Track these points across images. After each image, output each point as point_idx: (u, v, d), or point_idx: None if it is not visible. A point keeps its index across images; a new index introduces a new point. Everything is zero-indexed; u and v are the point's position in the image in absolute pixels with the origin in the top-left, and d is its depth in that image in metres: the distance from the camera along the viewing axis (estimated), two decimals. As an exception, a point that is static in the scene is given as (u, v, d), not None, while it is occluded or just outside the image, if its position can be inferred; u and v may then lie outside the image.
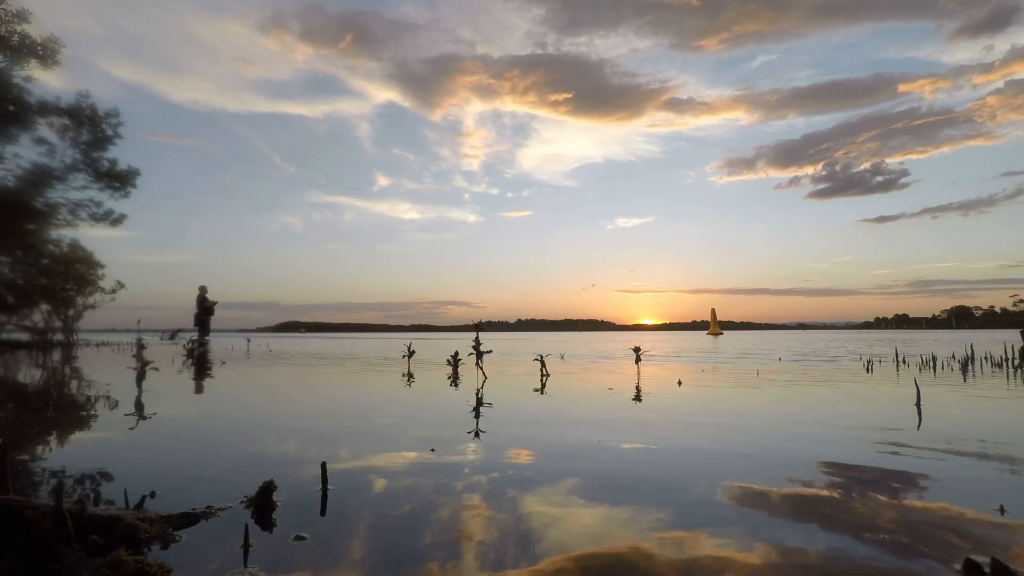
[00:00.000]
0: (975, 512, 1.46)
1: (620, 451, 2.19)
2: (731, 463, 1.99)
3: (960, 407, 3.40)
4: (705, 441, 2.38)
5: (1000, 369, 5.88)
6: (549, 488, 1.69)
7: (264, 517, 1.43)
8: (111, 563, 1.05)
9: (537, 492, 1.65)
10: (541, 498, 1.59)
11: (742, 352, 10.80)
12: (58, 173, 14.35)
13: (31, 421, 3.01)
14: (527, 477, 1.81)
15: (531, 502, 1.55)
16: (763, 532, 1.32)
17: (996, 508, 1.47)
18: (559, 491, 1.66)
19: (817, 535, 1.30)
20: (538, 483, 1.74)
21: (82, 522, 1.19)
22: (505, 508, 1.50)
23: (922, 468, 1.93)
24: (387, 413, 3.20)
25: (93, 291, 16.78)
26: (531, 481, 1.76)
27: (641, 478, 1.80)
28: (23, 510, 1.16)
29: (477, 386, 4.34)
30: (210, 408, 3.53)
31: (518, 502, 1.55)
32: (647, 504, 1.52)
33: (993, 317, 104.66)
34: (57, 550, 1.09)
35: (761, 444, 2.33)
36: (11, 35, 13.12)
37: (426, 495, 1.62)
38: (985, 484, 1.73)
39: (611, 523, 1.38)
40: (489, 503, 1.54)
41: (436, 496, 1.61)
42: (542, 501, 1.56)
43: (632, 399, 3.75)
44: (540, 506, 1.52)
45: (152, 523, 1.27)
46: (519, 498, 1.59)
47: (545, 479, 1.79)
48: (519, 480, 1.77)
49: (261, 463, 2.02)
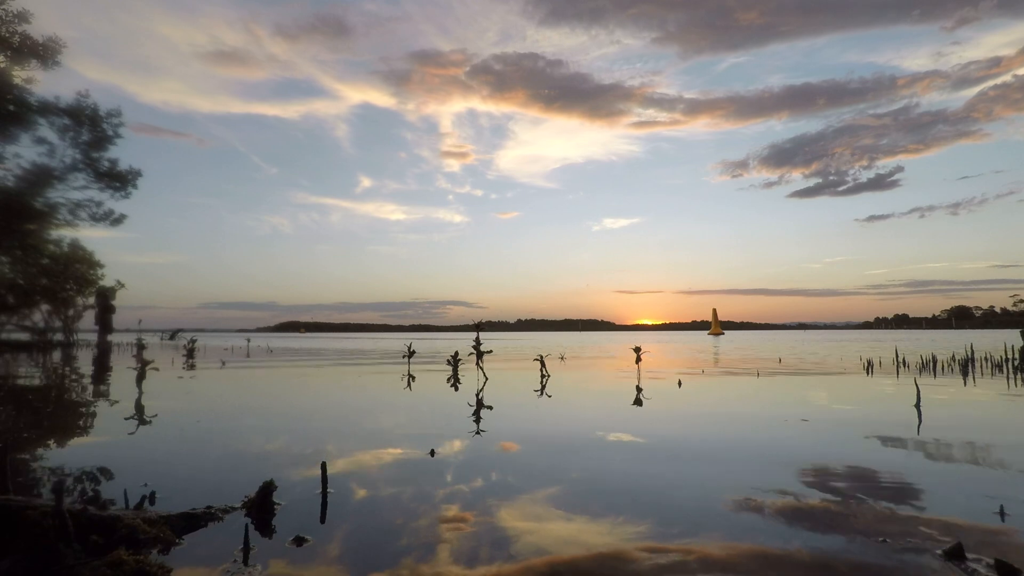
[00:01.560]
0: (975, 515, 1.46)
1: (617, 455, 2.19)
2: (727, 465, 1.99)
3: (961, 408, 3.40)
4: (702, 447, 2.38)
5: (1000, 371, 5.88)
6: (541, 492, 1.69)
7: (264, 517, 1.43)
8: (111, 563, 1.06)
9: (530, 496, 1.65)
10: (535, 500, 1.59)
11: (742, 352, 10.80)
12: (58, 173, 14.36)
13: (31, 421, 3.01)
14: (513, 483, 1.81)
15: (530, 502, 1.55)
16: (753, 535, 1.32)
17: (996, 512, 1.46)
18: (554, 495, 1.66)
19: (811, 538, 1.30)
20: (524, 490, 1.74)
21: (82, 522, 1.19)
22: (500, 507, 1.50)
23: (922, 470, 1.92)
24: (387, 414, 3.20)
25: (93, 291, 16.78)
26: (515, 488, 1.76)
27: (633, 486, 1.80)
28: (24, 510, 1.16)
29: (478, 387, 4.34)
30: (210, 408, 3.53)
31: (517, 502, 1.55)
32: (634, 515, 1.52)
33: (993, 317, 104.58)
34: (57, 550, 1.09)
35: (759, 446, 2.33)
36: (12, 36, 13.13)
37: (426, 496, 1.62)
38: (986, 485, 1.73)
39: (619, 534, 1.38)
40: (486, 504, 1.54)
41: (437, 496, 1.61)
42: (537, 502, 1.56)
43: (632, 403, 3.75)
44: (534, 508, 1.52)
45: (152, 523, 1.27)
46: (518, 498, 1.59)
47: (537, 484, 1.79)
48: (518, 480, 1.77)
49: (261, 463, 2.02)
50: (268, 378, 5.63)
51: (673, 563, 1.15)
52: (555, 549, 1.22)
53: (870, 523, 1.38)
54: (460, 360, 5.54)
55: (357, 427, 2.77)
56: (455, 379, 5.10)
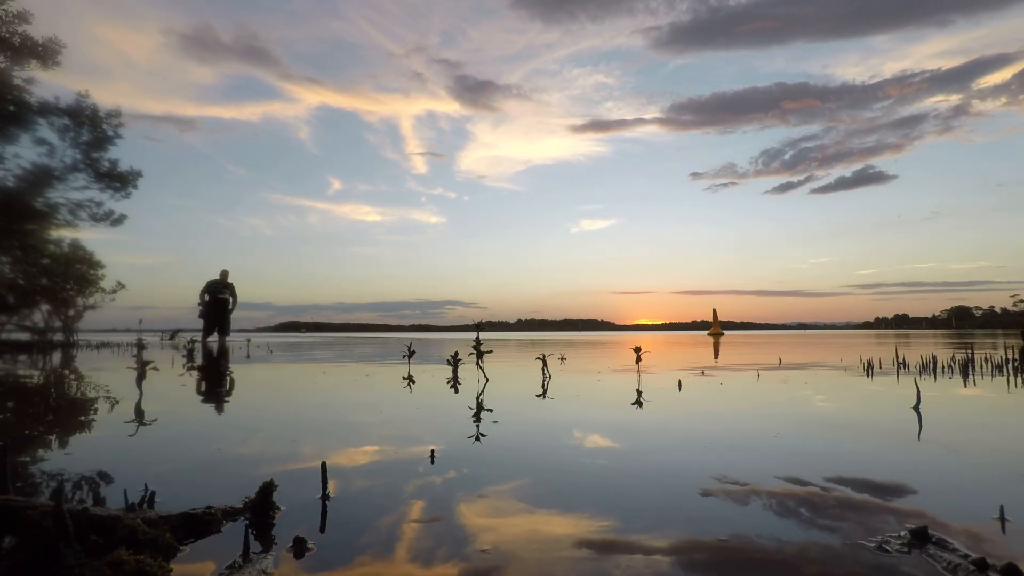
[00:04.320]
0: (976, 516, 1.46)
1: (614, 461, 2.19)
2: (723, 465, 2.00)
3: (961, 409, 3.40)
4: (702, 447, 2.39)
5: (1000, 372, 5.88)
6: (514, 487, 1.69)
7: (264, 518, 1.43)
8: (111, 563, 1.06)
9: (523, 498, 1.65)
10: (532, 502, 1.59)
11: (742, 352, 10.80)
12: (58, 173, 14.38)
13: (31, 421, 3.01)
14: (517, 483, 1.81)
15: (526, 505, 1.56)
16: (727, 526, 1.32)
17: (996, 516, 1.46)
18: (550, 498, 1.66)
19: (803, 539, 1.30)
20: (505, 483, 1.74)
21: (82, 522, 1.19)
22: (495, 506, 1.50)
23: (923, 471, 1.93)
24: (388, 413, 3.21)
25: (94, 291, 16.79)
26: (507, 488, 1.77)
27: (620, 490, 1.80)
28: (24, 510, 1.16)
29: (478, 389, 4.34)
30: (210, 408, 3.53)
31: (516, 503, 1.56)
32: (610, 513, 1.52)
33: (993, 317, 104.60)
34: (57, 550, 1.09)
35: (757, 448, 2.33)
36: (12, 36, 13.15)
37: (426, 497, 1.63)
38: (985, 488, 1.73)
39: (611, 524, 1.38)
40: (484, 504, 1.55)
41: (436, 497, 1.62)
42: (532, 504, 1.56)
43: (632, 403, 3.76)
44: (533, 509, 1.52)
45: (152, 524, 1.28)
46: (517, 500, 1.59)
47: (532, 487, 1.79)
48: (516, 483, 1.78)
49: (261, 463, 2.02)
50: (269, 378, 5.63)
51: None
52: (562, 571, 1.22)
53: (851, 518, 1.38)
54: (460, 360, 5.54)
55: (357, 427, 2.77)
56: (455, 380, 5.10)
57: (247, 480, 1.77)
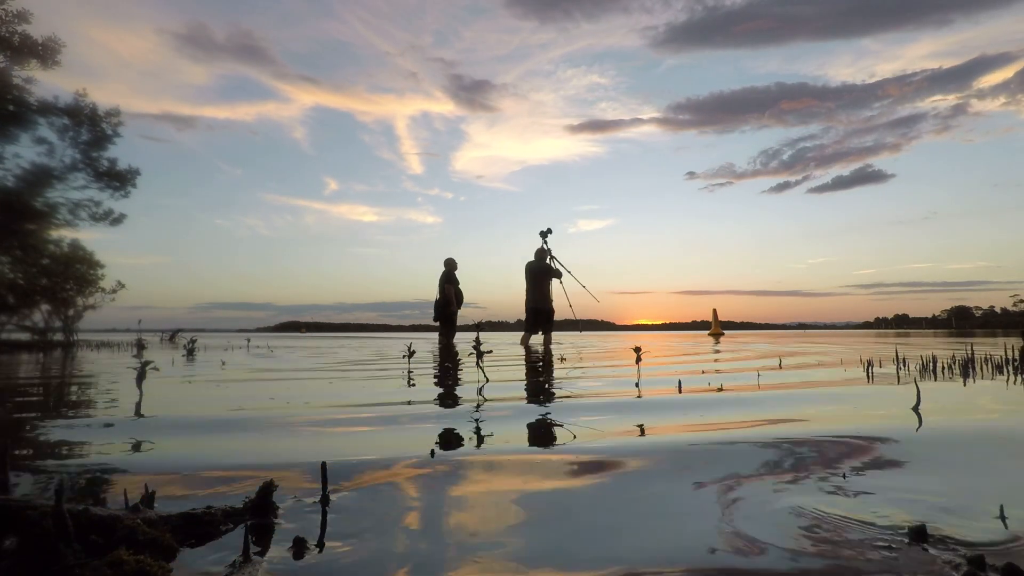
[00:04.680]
0: (976, 515, 1.46)
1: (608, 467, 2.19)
2: (719, 467, 2.00)
3: (961, 409, 3.40)
4: (704, 447, 2.39)
5: (1001, 372, 5.89)
6: (534, 494, 1.69)
7: (264, 518, 1.43)
8: (111, 563, 1.06)
9: (524, 498, 1.65)
10: (532, 503, 1.59)
11: (742, 353, 10.79)
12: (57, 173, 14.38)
13: (31, 421, 3.01)
14: (516, 484, 1.82)
15: (525, 506, 1.56)
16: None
17: (996, 516, 1.47)
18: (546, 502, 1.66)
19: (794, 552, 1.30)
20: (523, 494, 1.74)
21: (82, 522, 1.19)
22: (496, 505, 1.50)
23: (923, 472, 1.93)
24: (388, 413, 3.21)
25: (93, 291, 16.79)
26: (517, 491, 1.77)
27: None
28: (23, 510, 1.16)
29: (477, 389, 4.34)
30: (210, 408, 3.53)
31: (515, 504, 1.56)
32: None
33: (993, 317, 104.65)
34: (57, 550, 1.09)
35: (758, 445, 2.33)
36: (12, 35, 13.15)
37: (426, 497, 1.63)
38: (986, 488, 1.73)
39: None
40: (483, 505, 1.55)
41: (437, 498, 1.62)
42: (532, 505, 1.57)
43: (633, 402, 3.76)
44: (533, 510, 1.52)
45: (152, 524, 1.28)
46: (516, 500, 1.59)
47: (533, 487, 1.79)
48: (513, 484, 1.78)
49: (261, 463, 2.02)
50: (269, 378, 5.63)
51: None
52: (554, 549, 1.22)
53: (868, 528, 1.38)
54: (460, 360, 5.54)
55: (357, 426, 2.77)
56: (455, 380, 5.10)
57: (247, 480, 1.77)
